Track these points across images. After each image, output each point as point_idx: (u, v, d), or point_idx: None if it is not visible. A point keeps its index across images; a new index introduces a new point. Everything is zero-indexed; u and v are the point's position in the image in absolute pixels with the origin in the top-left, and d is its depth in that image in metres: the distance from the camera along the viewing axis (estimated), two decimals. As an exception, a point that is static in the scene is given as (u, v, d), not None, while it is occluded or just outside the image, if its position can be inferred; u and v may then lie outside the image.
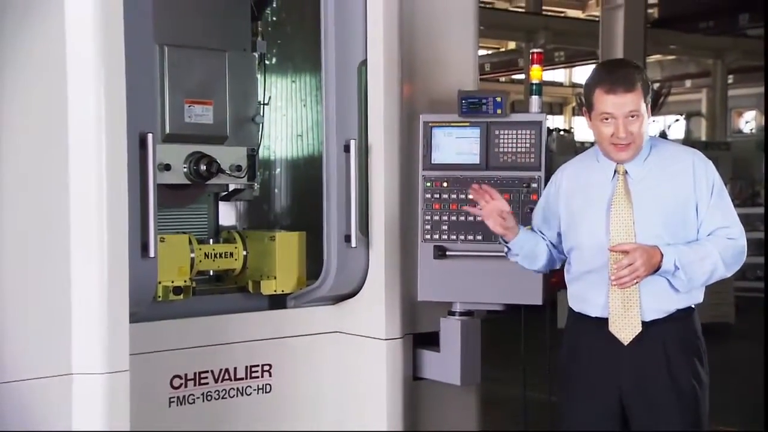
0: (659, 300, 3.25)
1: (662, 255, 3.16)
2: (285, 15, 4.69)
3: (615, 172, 3.31)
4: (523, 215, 3.87)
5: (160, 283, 3.66)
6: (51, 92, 3.12)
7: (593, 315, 3.32)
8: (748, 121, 32.49)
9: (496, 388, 4.55)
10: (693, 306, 3.32)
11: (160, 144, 3.76)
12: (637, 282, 3.17)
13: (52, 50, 3.12)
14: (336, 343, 4.18)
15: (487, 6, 24.26)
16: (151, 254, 3.41)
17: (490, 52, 27.44)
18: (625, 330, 3.24)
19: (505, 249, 3.45)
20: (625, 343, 3.24)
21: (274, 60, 4.69)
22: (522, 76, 24.45)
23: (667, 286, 3.24)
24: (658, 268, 3.17)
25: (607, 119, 3.25)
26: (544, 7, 24.71)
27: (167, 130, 3.99)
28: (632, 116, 3.23)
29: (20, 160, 3.09)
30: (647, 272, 3.15)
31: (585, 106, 3.40)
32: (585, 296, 3.36)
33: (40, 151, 3.12)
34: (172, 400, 3.76)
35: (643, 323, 3.24)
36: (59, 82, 3.12)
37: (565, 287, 3.49)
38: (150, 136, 3.38)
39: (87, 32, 3.12)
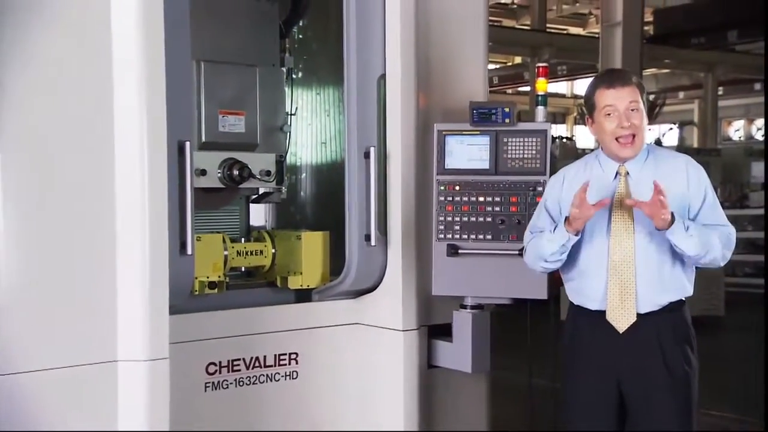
0: (654, 293, 3.24)
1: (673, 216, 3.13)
2: (310, 33, 4.70)
3: (617, 173, 3.30)
4: (530, 216, 3.86)
5: (196, 278, 3.68)
6: (99, 105, 3.14)
7: (593, 308, 3.31)
8: (736, 130, 32.34)
9: (504, 376, 4.54)
10: (683, 299, 3.32)
11: (197, 151, 3.78)
12: (665, 217, 3.09)
13: (101, 67, 3.15)
14: (357, 333, 4.18)
15: (496, 24, 24.22)
16: (189, 252, 3.42)
17: (498, 66, 27.36)
18: (622, 320, 3.23)
19: (562, 248, 3.29)
20: (621, 332, 3.23)
21: (300, 74, 4.70)
22: (527, 88, 24.37)
23: (661, 278, 3.24)
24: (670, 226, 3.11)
25: (609, 114, 3.24)
26: (548, 25, 24.65)
27: (203, 139, 4.00)
28: (633, 109, 3.22)
29: (72, 166, 3.12)
30: (668, 221, 3.09)
31: (587, 111, 3.38)
32: (583, 290, 3.35)
33: (90, 158, 3.14)
34: (207, 385, 3.77)
35: (639, 315, 3.23)
36: (106, 95, 3.15)
37: (567, 283, 3.49)
38: (187, 144, 3.40)
39: (131, 51, 3.15)
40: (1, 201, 3.00)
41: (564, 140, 19.14)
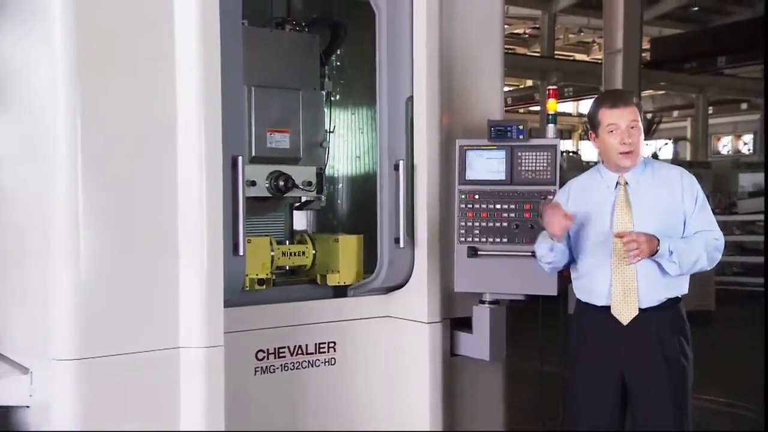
0: (654, 290, 3.23)
1: (659, 241, 3.13)
2: (347, 61, 4.72)
3: (617, 183, 3.29)
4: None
5: (247, 275, 3.68)
6: (165, 125, 3.18)
7: (599, 304, 3.29)
8: (725, 145, 32.13)
9: (518, 364, 4.52)
10: (680, 296, 3.30)
11: (248, 165, 3.79)
12: (640, 257, 3.10)
13: (167, 94, 3.18)
14: (387, 325, 4.18)
15: (510, 51, 24.19)
16: (240, 253, 3.44)
17: (512, 88, 27.31)
18: (625, 313, 3.22)
19: (548, 248, 3.37)
20: (625, 324, 3.22)
21: (337, 96, 4.71)
22: (538, 108, 24.34)
23: (660, 278, 3.22)
24: (656, 252, 3.13)
25: (612, 131, 3.23)
26: (556, 52, 24.61)
27: (253, 153, 4.02)
28: (632, 127, 3.22)
29: (142, 177, 3.15)
30: (649, 250, 3.09)
31: (590, 127, 3.37)
32: (591, 288, 3.34)
33: (157, 171, 3.18)
34: (256, 369, 3.80)
35: (640, 309, 3.22)
36: (171, 117, 3.19)
37: (575, 280, 3.47)
38: (240, 159, 3.42)
39: (193, 79, 3.19)
40: (82, 210, 3.04)
41: (571, 154, 19.06)
